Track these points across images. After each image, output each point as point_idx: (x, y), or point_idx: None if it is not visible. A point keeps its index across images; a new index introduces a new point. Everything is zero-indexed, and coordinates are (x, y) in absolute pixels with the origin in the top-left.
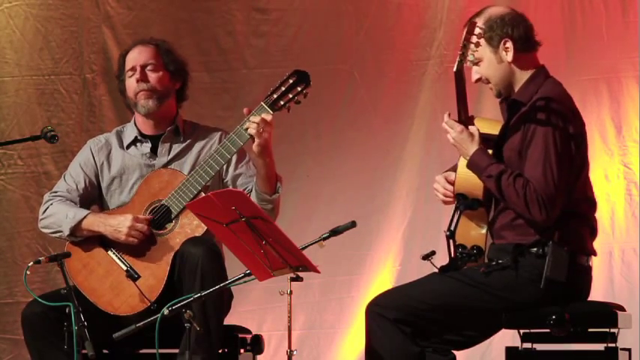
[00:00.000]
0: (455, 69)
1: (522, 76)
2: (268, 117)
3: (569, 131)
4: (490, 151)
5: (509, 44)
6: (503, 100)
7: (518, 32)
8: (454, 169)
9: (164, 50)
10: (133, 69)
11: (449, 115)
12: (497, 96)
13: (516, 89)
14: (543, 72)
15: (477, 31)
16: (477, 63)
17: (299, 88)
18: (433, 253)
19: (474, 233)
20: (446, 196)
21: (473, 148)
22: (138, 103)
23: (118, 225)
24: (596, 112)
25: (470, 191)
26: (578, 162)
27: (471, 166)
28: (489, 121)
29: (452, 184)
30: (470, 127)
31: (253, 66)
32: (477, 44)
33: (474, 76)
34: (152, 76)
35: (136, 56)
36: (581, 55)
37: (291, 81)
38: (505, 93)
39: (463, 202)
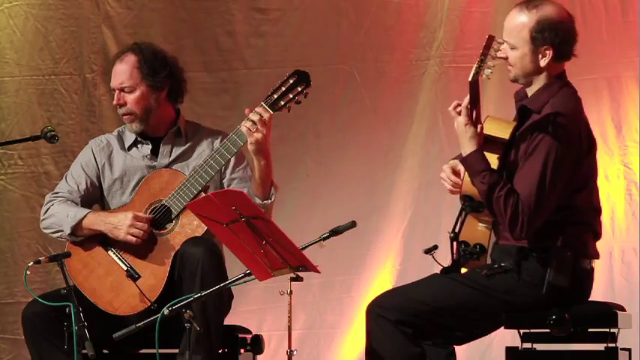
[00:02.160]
0: (470, 79)
1: (542, 79)
2: (265, 114)
3: (571, 150)
4: (497, 156)
5: (549, 52)
6: (516, 102)
7: (564, 45)
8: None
9: (143, 60)
10: (113, 90)
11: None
12: (513, 80)
13: (534, 87)
14: (559, 80)
15: (496, 45)
16: (510, 47)
17: (299, 88)
18: (435, 247)
19: (478, 232)
20: (453, 186)
21: (470, 148)
22: (125, 123)
23: (118, 223)
24: (596, 112)
25: (477, 194)
26: (582, 173)
27: (464, 162)
28: (500, 122)
29: (457, 174)
30: (478, 126)
31: (253, 66)
32: (495, 58)
33: (501, 54)
34: (129, 99)
35: (113, 76)
36: (581, 55)
37: (291, 81)
38: (521, 82)
39: (469, 205)
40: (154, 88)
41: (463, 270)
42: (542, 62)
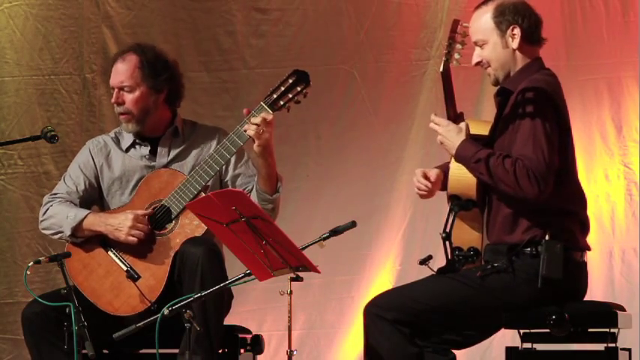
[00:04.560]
0: (441, 69)
1: (520, 64)
2: (269, 117)
3: (556, 118)
4: None
5: (517, 31)
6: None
7: (528, 22)
8: (442, 167)
9: (145, 61)
10: (112, 88)
11: (435, 114)
12: (494, 83)
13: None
14: (537, 63)
15: (461, 30)
16: (481, 45)
17: (299, 88)
18: (430, 257)
19: (470, 235)
20: (420, 189)
21: (459, 140)
22: (121, 123)
23: (119, 224)
24: (596, 112)
25: (463, 192)
26: (566, 151)
27: (457, 156)
28: (479, 122)
29: (428, 178)
30: (460, 123)
31: (253, 66)
32: (463, 43)
33: (475, 59)
34: (128, 98)
35: (113, 75)
36: (581, 55)
37: (290, 81)
38: (502, 81)
39: (457, 204)
40: (154, 90)
41: None
42: (515, 43)
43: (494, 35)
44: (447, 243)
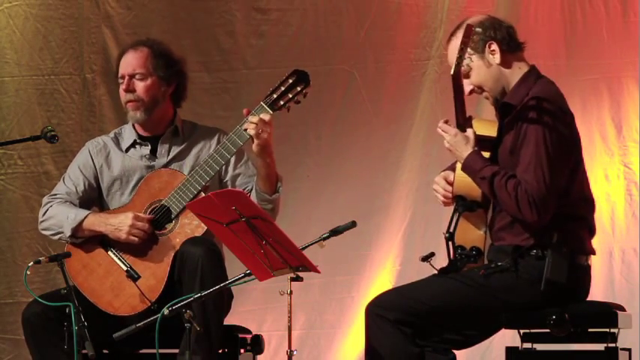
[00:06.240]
0: (452, 72)
1: (514, 78)
2: (267, 117)
3: (560, 131)
4: (487, 154)
5: (495, 46)
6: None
7: (501, 34)
8: (452, 168)
9: (157, 53)
10: (122, 77)
11: (445, 121)
12: (495, 103)
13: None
14: (534, 73)
15: (475, 36)
16: (467, 75)
17: (299, 88)
18: (432, 254)
19: (473, 234)
20: (445, 197)
21: (467, 150)
22: (127, 112)
23: (119, 224)
24: (596, 112)
25: (468, 193)
26: (572, 162)
27: (465, 168)
28: (487, 122)
29: (451, 184)
30: (467, 130)
31: (253, 66)
32: (473, 48)
33: (467, 89)
34: (139, 86)
35: (125, 64)
36: (581, 55)
37: (290, 81)
38: (501, 98)
39: (462, 204)
40: (165, 81)
41: None
42: (496, 59)
43: (475, 59)
44: (450, 243)
